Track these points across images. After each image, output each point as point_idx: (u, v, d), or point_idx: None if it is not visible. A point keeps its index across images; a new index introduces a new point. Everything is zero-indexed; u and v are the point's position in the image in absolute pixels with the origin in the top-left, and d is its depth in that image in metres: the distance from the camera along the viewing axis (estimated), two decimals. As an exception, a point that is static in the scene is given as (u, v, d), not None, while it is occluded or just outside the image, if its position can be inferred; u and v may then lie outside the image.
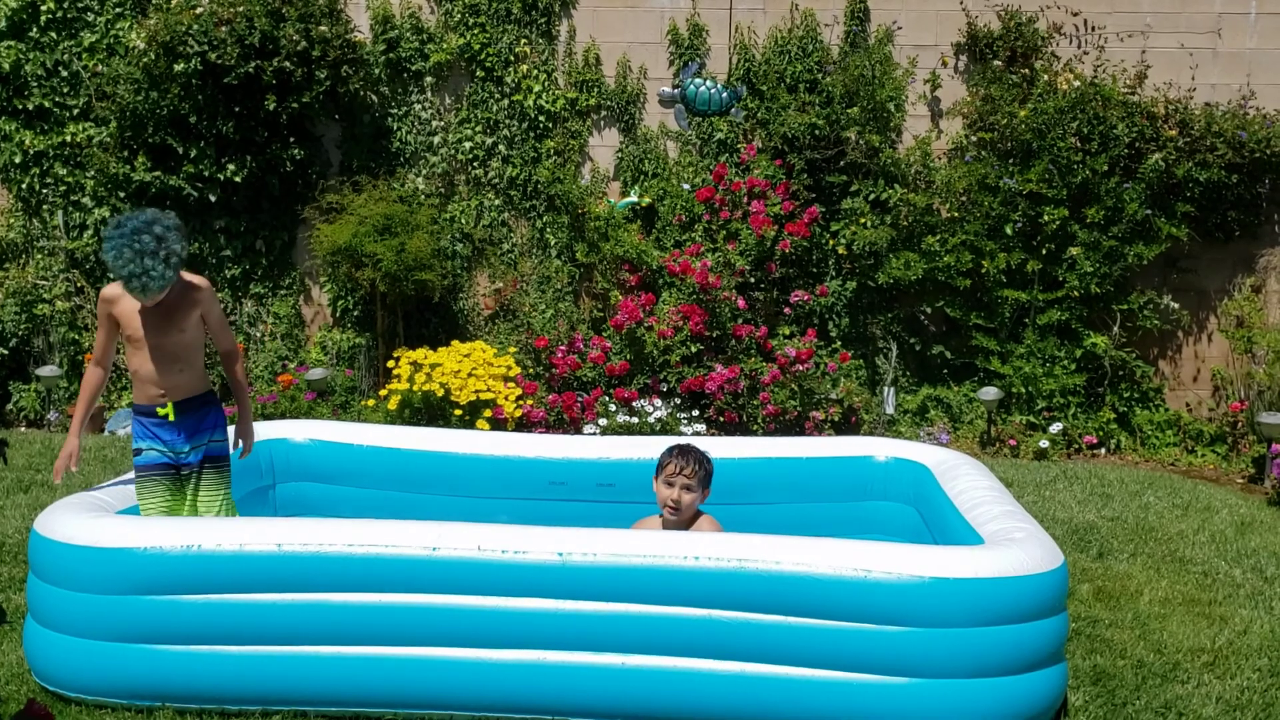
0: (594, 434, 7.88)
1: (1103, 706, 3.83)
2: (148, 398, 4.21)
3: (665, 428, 7.96)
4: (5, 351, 8.49)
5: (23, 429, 8.37)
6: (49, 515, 3.85)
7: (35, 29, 8.61)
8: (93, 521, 3.75)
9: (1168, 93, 8.47)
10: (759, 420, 8.15)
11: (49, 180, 8.77)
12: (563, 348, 8.43)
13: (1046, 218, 8.23)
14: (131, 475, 4.26)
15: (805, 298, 8.54)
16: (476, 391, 7.66)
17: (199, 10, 7.96)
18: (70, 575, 3.66)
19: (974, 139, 8.55)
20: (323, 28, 8.08)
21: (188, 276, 4.23)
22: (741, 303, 8.34)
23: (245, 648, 3.61)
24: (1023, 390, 8.28)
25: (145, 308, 4.13)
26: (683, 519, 4.19)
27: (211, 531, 3.65)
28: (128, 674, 3.64)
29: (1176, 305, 8.66)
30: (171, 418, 4.19)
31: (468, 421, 7.66)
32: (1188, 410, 8.75)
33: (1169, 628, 4.56)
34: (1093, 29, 8.64)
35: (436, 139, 8.76)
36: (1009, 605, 3.49)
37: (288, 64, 8.00)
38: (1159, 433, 8.39)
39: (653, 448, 5.09)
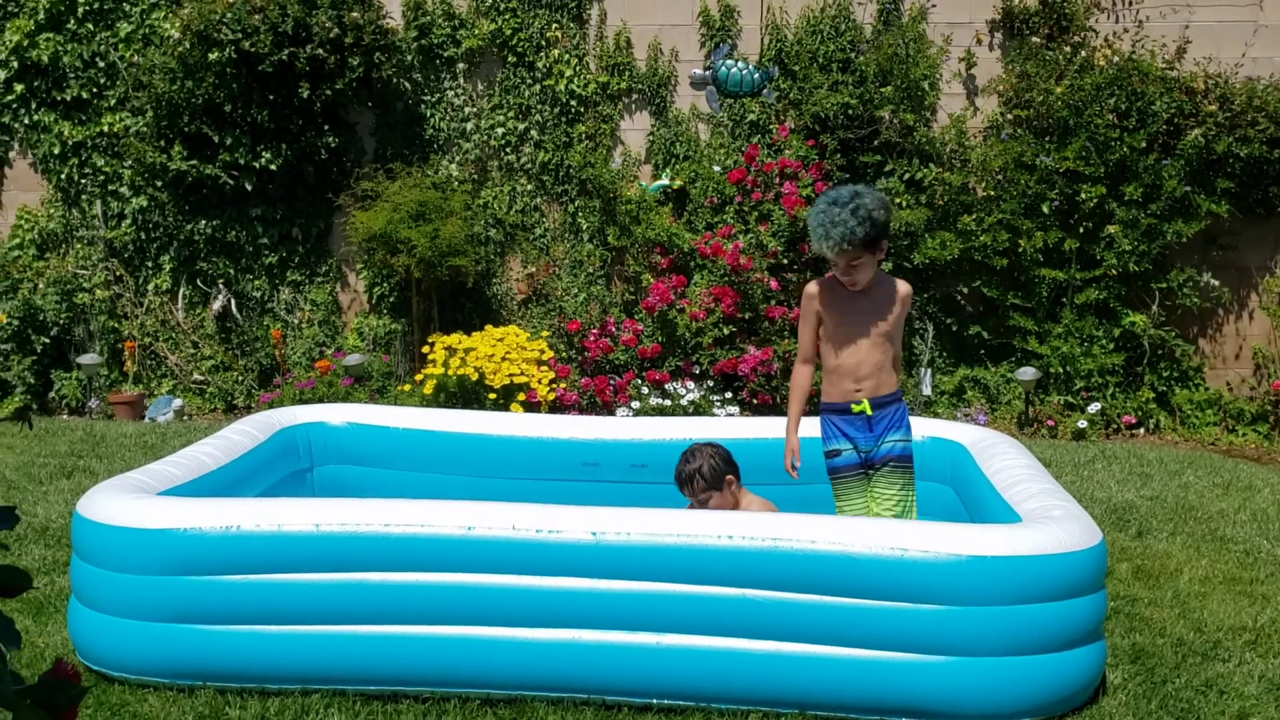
0: (627, 416, 7.88)
1: (1142, 684, 3.80)
2: (842, 394, 4.20)
3: (698, 410, 7.95)
4: (47, 340, 8.61)
5: (64, 416, 8.49)
6: (91, 498, 3.90)
7: (73, 21, 8.70)
8: (133, 503, 3.79)
9: (1207, 67, 8.34)
10: (793, 402, 8.11)
11: (87, 170, 8.88)
12: (595, 331, 8.44)
13: (1084, 195, 8.13)
14: (173, 456, 4.29)
15: (839, 279, 8.48)
16: (510, 375, 7.69)
17: (232, -1, 8.02)
18: (111, 556, 3.70)
19: (1010, 117, 8.46)
20: (354, 14, 8.12)
21: (889, 275, 4.29)
22: (774, 284, 8.31)
23: (284, 627, 3.64)
24: (1060, 370, 8.20)
25: (851, 298, 4.15)
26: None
27: (250, 512, 3.68)
28: (169, 653, 3.68)
29: (1217, 283, 8.54)
30: (869, 413, 4.17)
31: (502, 405, 7.69)
32: (1228, 389, 8.63)
33: (1209, 606, 4.51)
34: (1130, 3, 8.52)
35: (469, 125, 8.78)
36: (1047, 583, 3.46)
37: (320, 51, 8.04)
38: (1199, 412, 8.29)
39: (685, 429, 5.10)
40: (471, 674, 3.63)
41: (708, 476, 4.33)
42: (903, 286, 4.24)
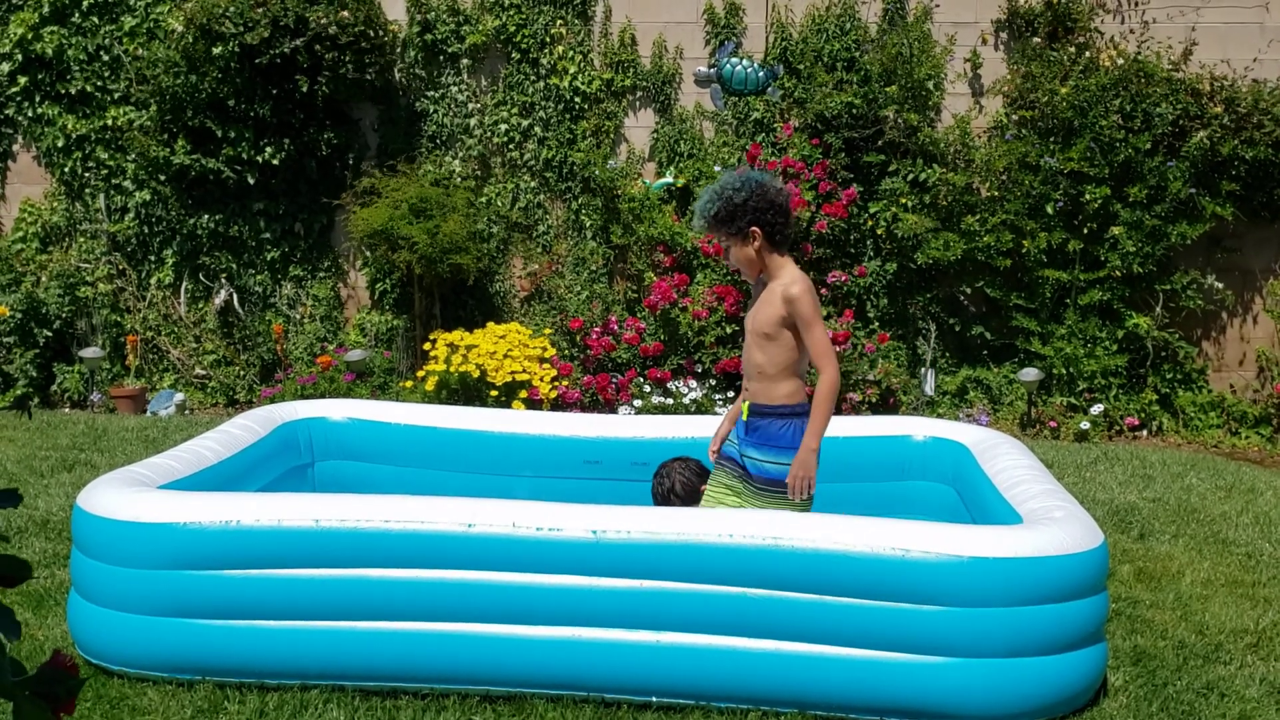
0: (629, 414, 7.88)
1: (1143, 686, 3.79)
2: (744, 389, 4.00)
3: (700, 408, 7.94)
4: (49, 333, 8.60)
5: (66, 410, 8.49)
6: (91, 491, 3.90)
7: (77, 14, 8.70)
8: (133, 496, 3.78)
9: (1214, 69, 8.31)
10: (795, 401, 8.10)
11: (91, 164, 8.88)
12: (597, 329, 8.43)
13: (1088, 197, 8.12)
14: (173, 450, 4.30)
15: (843, 278, 8.48)
16: (512, 373, 7.68)
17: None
18: (111, 550, 3.70)
19: (1014, 117, 8.44)
20: (343, 13, 8.06)
21: (786, 271, 3.82)
22: (778, 284, 8.28)
23: (283, 622, 3.63)
24: (1063, 371, 8.19)
25: (754, 293, 3.94)
26: None
27: (250, 507, 3.68)
28: (169, 648, 3.68)
29: (1221, 285, 8.52)
30: (744, 418, 3.93)
31: (503, 402, 7.68)
32: (1231, 392, 8.62)
33: (1211, 609, 4.50)
34: (1136, 4, 8.51)
35: (472, 121, 8.77)
36: (1048, 584, 3.45)
37: (319, 46, 8.03)
38: (1202, 414, 8.27)
39: (686, 427, 5.10)
40: (471, 671, 3.62)
41: (682, 494, 4.35)
42: (789, 288, 3.75)
